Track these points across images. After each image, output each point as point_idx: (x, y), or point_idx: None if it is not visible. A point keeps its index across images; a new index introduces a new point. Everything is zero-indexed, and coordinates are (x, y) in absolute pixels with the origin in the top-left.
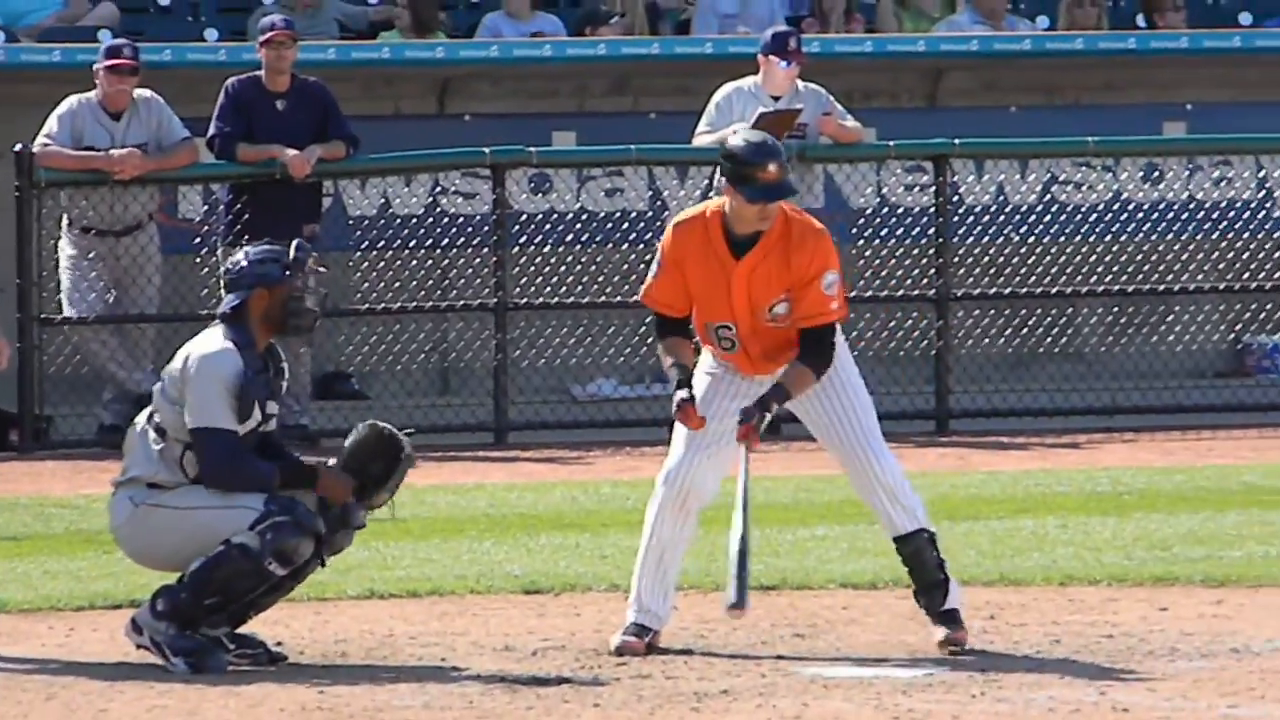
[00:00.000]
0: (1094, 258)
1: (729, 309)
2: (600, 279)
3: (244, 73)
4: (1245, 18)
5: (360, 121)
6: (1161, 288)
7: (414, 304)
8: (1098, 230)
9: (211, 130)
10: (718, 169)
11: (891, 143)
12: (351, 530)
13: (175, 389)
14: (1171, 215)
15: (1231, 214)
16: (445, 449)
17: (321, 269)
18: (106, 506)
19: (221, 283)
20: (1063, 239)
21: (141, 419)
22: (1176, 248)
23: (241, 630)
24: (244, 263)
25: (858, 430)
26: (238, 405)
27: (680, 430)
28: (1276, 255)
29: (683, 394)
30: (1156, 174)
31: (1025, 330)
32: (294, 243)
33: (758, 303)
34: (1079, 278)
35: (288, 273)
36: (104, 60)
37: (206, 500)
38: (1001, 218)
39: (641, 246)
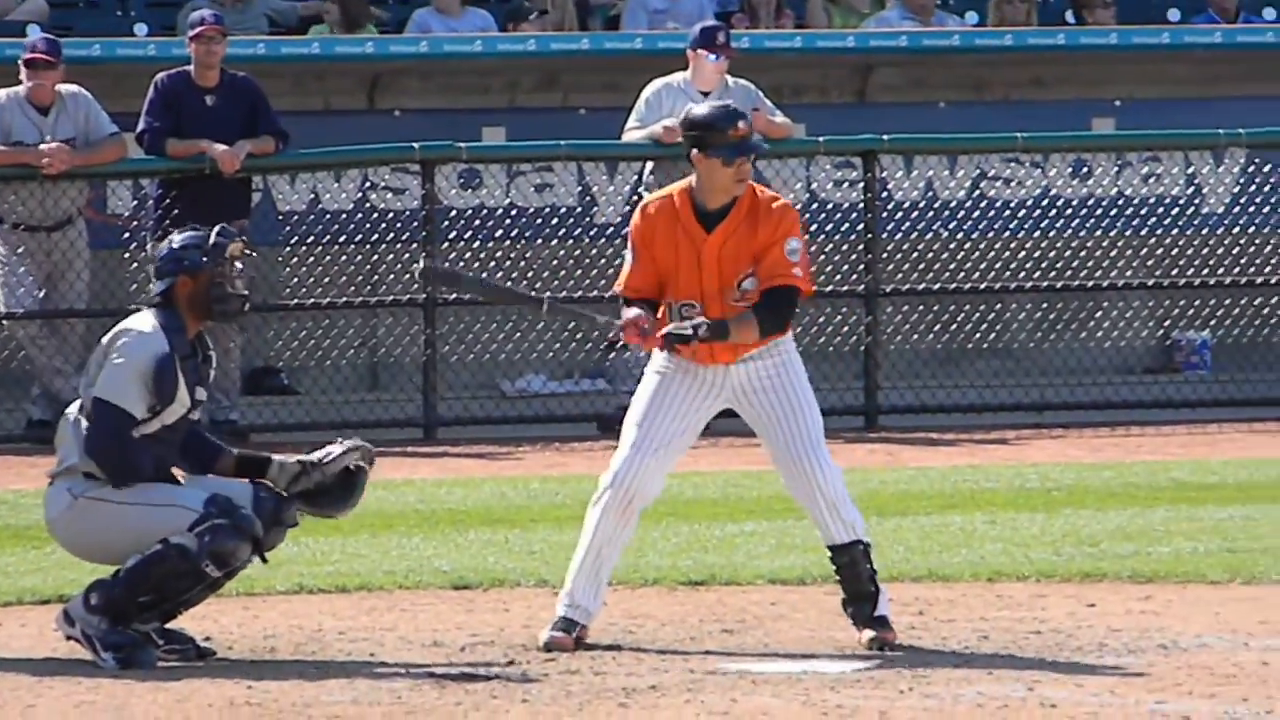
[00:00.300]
0: (1023, 254)
1: (698, 286)
2: (530, 274)
3: (174, 68)
4: (1174, 14)
5: (290, 117)
6: (1090, 284)
7: (343, 299)
8: (1027, 226)
9: (141, 125)
10: (648, 164)
11: (821, 138)
12: (284, 527)
13: (97, 368)
14: (1100, 211)
15: (1160, 210)
16: (374, 444)
17: (249, 253)
18: (42, 498)
19: (152, 269)
20: (991, 235)
21: (73, 409)
22: (1105, 244)
23: (170, 625)
24: (168, 249)
25: (804, 438)
26: (155, 389)
27: (628, 431)
28: (1205, 251)
29: (634, 310)
30: (1085, 170)
31: (954, 326)
32: (216, 228)
33: (727, 277)
34: (1008, 274)
35: (207, 259)
36: (25, 55)
37: (146, 497)
38: (930, 213)
39: (571, 242)
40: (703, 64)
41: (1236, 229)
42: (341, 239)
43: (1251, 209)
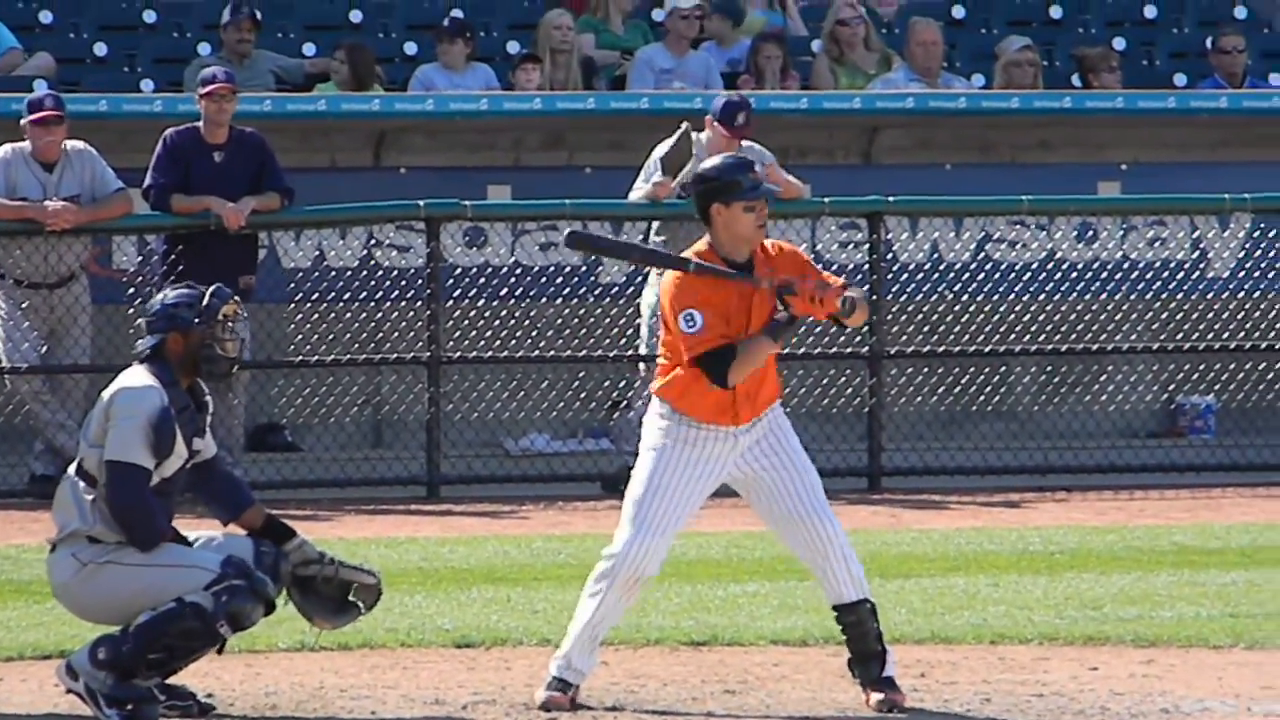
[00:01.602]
0: (1028, 317)
1: (745, 333)
2: (534, 333)
3: (180, 123)
4: (1180, 79)
5: (296, 173)
6: (1095, 347)
7: (347, 357)
8: (1031, 289)
9: (148, 181)
10: (653, 225)
11: (826, 199)
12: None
13: (98, 429)
14: (1105, 275)
15: (1165, 274)
16: (377, 502)
17: (241, 315)
18: (45, 565)
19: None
20: (996, 297)
21: (71, 470)
22: (1110, 307)
23: (171, 681)
24: (159, 306)
25: (812, 495)
26: (155, 443)
27: (632, 509)
28: (1210, 316)
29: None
30: (1091, 233)
31: (958, 389)
32: (211, 289)
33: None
34: (1012, 336)
35: (199, 320)
36: (28, 114)
37: (160, 559)
38: (935, 275)
39: (575, 301)
40: (718, 136)
41: (1242, 294)
42: (346, 296)
43: (1257, 274)
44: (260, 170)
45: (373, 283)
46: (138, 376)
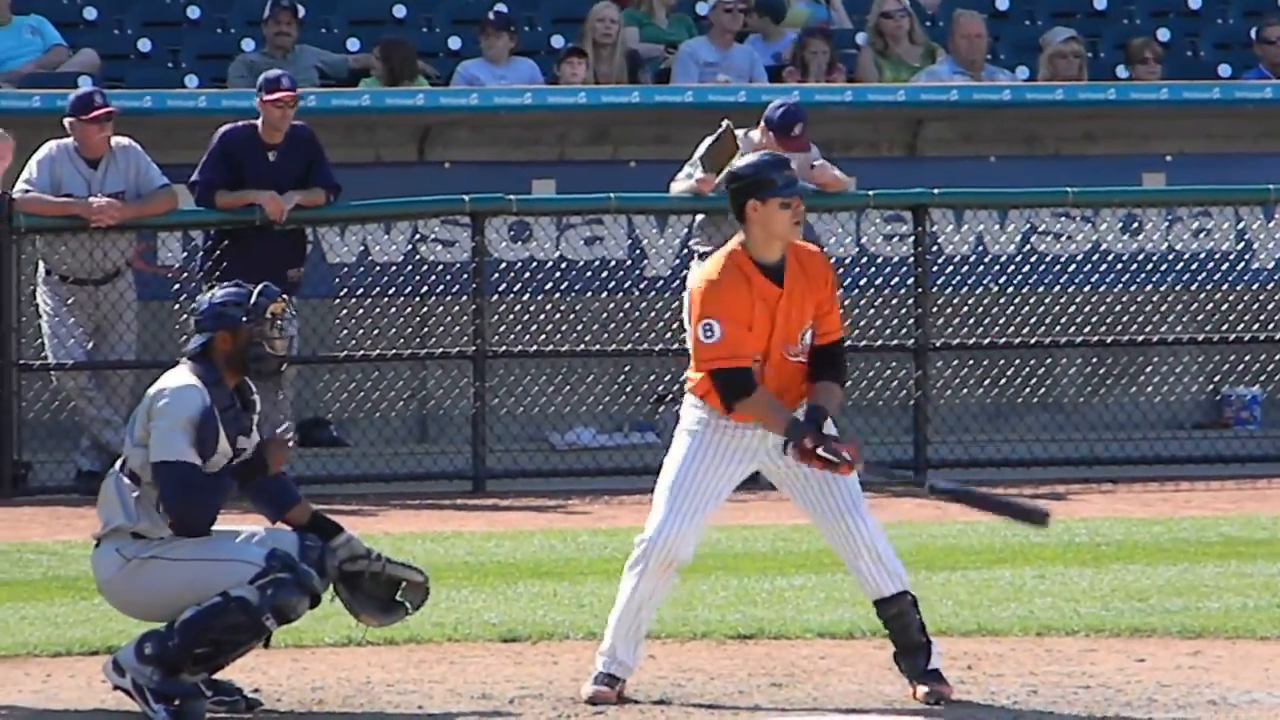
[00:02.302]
0: (1073, 308)
1: (767, 341)
2: (579, 327)
3: (223, 120)
4: (1224, 69)
5: (340, 168)
6: (1140, 339)
7: (393, 351)
8: (1077, 281)
9: (195, 176)
10: (696, 218)
11: (871, 192)
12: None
13: (142, 428)
14: (1150, 266)
15: (1210, 265)
16: (423, 497)
17: (290, 314)
18: (90, 561)
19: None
20: (1042, 289)
21: (116, 466)
22: (1155, 299)
23: (218, 677)
24: (207, 305)
25: (844, 497)
26: (198, 441)
27: (663, 494)
28: (1255, 307)
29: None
30: (1136, 225)
31: (1004, 380)
32: (259, 287)
33: (792, 332)
34: (1058, 328)
35: (247, 318)
36: (74, 110)
37: (203, 552)
38: (980, 268)
39: (620, 295)
40: (771, 143)
41: None
42: (391, 291)
43: None
44: (309, 165)
45: (418, 277)
46: (180, 376)
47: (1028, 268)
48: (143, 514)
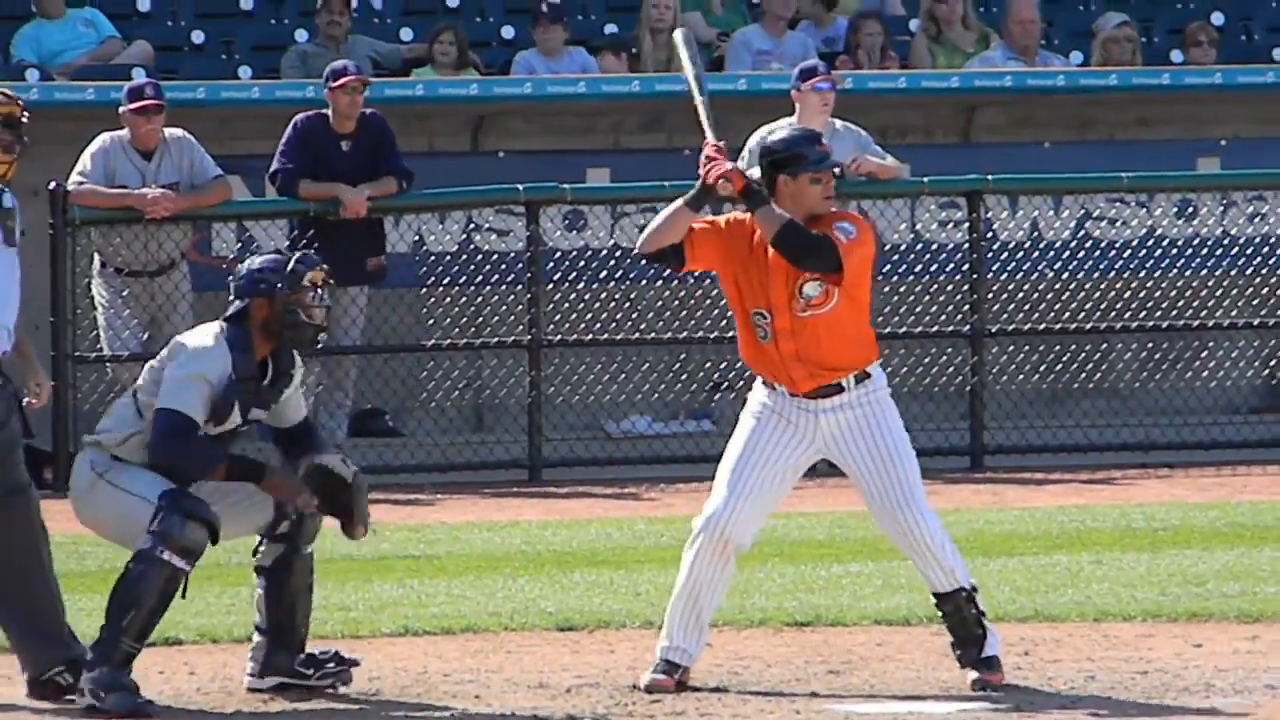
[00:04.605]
0: (1128, 294)
1: (765, 290)
2: (634, 316)
3: (284, 111)
4: (1279, 53)
5: None
6: (1196, 324)
7: (448, 341)
8: (1132, 266)
9: (274, 165)
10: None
11: (925, 179)
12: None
13: (157, 376)
14: (1206, 251)
15: (1266, 250)
16: (479, 486)
17: (329, 282)
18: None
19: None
20: (1096, 275)
21: (131, 388)
22: (1211, 283)
23: (311, 650)
24: (245, 272)
25: (900, 489)
26: (209, 400)
27: (722, 476)
28: None
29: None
30: (1191, 210)
31: (1060, 366)
32: (297, 254)
33: (792, 281)
34: (1113, 314)
35: (283, 284)
36: (127, 102)
37: (142, 489)
38: (1035, 254)
39: (675, 283)
40: (809, 99)
41: None
42: (446, 281)
43: None
44: (379, 152)
45: (472, 267)
46: (208, 336)
47: (1083, 253)
48: (135, 443)
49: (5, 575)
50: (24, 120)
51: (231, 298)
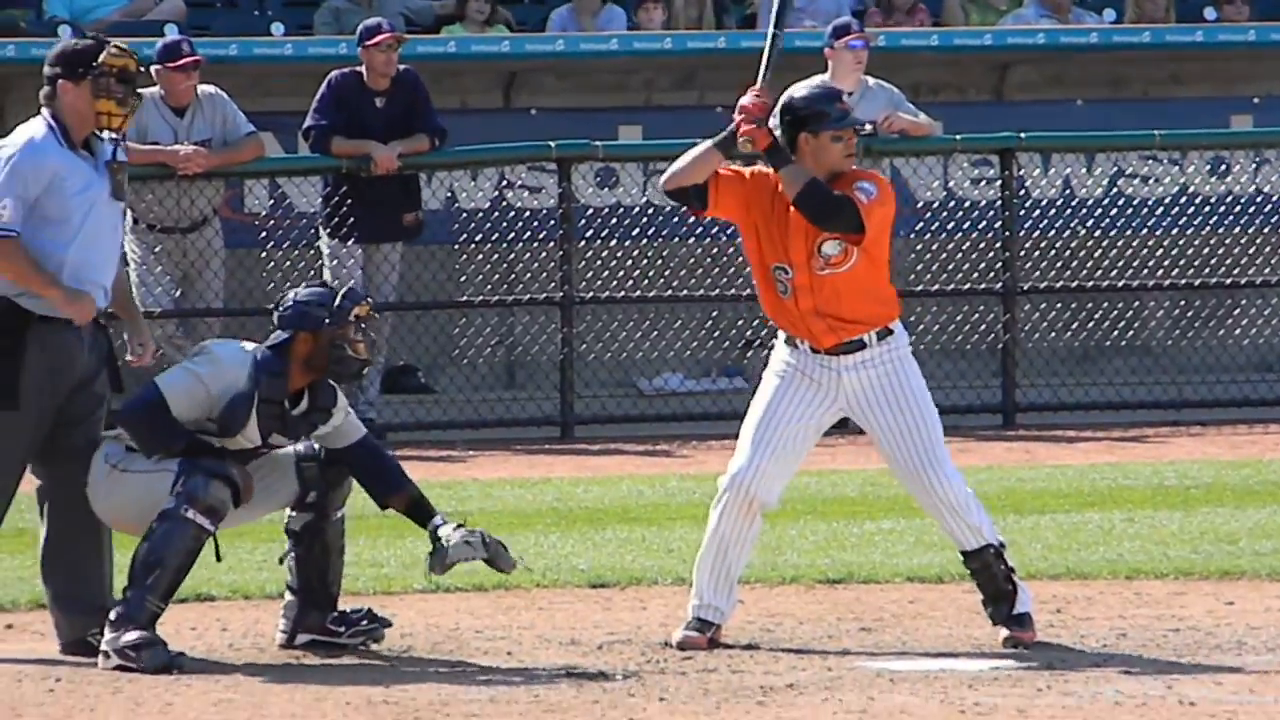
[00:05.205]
0: (1160, 251)
1: (784, 246)
2: (666, 273)
3: (316, 68)
4: None
5: None
6: (1228, 281)
7: (480, 298)
8: (1164, 224)
9: (308, 122)
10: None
11: (958, 136)
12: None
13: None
14: (1239, 208)
15: None
16: (511, 443)
17: (374, 316)
18: None
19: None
20: (1129, 232)
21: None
22: (1244, 241)
23: (343, 607)
24: (291, 302)
25: (922, 448)
26: (206, 416)
27: (746, 433)
28: None
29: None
30: (1223, 167)
31: (1092, 324)
32: (344, 289)
33: (811, 238)
34: (1145, 271)
35: (330, 320)
36: (162, 59)
37: (162, 465)
38: (1068, 211)
39: (708, 240)
40: (843, 56)
41: None
42: (478, 238)
43: None
44: (413, 109)
45: (504, 224)
46: (237, 351)
47: (1115, 211)
48: None
49: (62, 534)
50: (140, 73)
51: (275, 327)
